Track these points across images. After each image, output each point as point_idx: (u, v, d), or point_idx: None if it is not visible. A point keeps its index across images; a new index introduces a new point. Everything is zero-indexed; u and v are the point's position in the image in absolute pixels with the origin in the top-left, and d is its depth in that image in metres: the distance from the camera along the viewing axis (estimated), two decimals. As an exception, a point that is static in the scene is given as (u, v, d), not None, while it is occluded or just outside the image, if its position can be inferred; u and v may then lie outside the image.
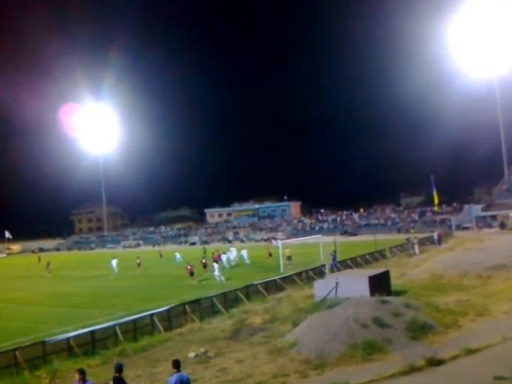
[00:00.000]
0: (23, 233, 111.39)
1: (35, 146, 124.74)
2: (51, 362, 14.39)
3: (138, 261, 44.10)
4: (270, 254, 42.35)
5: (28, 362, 14.06)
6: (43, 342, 14.84)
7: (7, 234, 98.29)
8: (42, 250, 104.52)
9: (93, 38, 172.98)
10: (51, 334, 16.52)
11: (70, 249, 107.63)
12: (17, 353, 14.05)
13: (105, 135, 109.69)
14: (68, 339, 15.37)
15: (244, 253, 43.60)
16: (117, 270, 42.01)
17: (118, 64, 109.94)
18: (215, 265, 32.91)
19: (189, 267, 32.61)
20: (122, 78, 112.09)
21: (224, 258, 40.43)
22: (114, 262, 42.77)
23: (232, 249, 46.14)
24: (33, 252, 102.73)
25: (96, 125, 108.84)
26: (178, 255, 47.82)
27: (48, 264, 46.90)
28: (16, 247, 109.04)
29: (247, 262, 42.44)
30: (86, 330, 16.39)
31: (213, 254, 40.97)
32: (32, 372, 13.83)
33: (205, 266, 36.06)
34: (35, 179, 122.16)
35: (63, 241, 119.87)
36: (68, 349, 15.17)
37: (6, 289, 36.01)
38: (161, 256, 53.22)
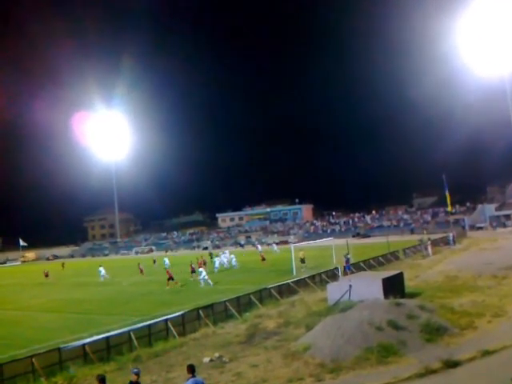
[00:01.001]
0: (37, 240, 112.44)
1: (48, 154, 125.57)
2: (67, 369, 14.50)
3: (141, 267, 45.96)
4: (263, 259, 44.02)
5: (44, 368, 14.18)
6: (59, 349, 14.96)
7: (22, 242, 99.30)
8: (56, 257, 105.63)
9: (104, 45, 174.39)
10: (66, 341, 16.66)
11: (83, 255, 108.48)
12: (33, 360, 14.17)
13: (117, 142, 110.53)
14: (83, 345, 15.48)
15: (232, 257, 45.38)
16: (103, 278, 43.03)
17: (129, 71, 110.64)
18: (201, 269, 34.08)
19: (168, 272, 34.25)
20: (134, 85, 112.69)
21: (217, 261, 42.80)
22: (102, 270, 43.96)
23: (226, 252, 48.26)
24: (47, 259, 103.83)
25: (108, 132, 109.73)
26: (166, 260, 48.55)
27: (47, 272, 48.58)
28: (30, 255, 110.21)
29: (235, 266, 43.88)
30: (100, 336, 16.47)
31: (197, 259, 42.22)
32: (49, 378, 13.94)
33: (193, 270, 36.88)
34: (48, 187, 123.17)
35: (77, 248, 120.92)
36: (83, 355, 15.26)
37: (22, 296, 36.40)
38: (154, 262, 54.99)
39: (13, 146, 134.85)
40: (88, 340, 15.99)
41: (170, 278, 33.17)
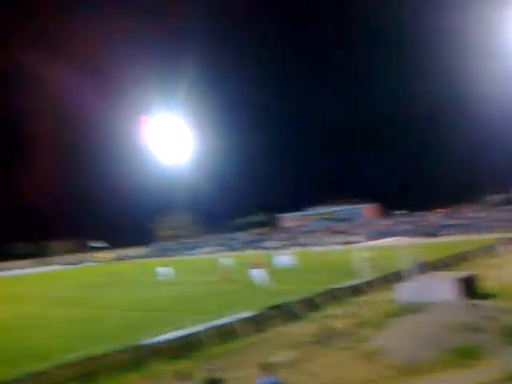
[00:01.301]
0: (111, 242, 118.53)
1: (115, 159, 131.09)
2: (145, 366, 15.18)
3: (207, 267, 48.82)
4: (321, 259, 45.84)
5: (123, 365, 14.93)
6: (137, 346, 15.71)
7: (95, 243, 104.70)
8: (129, 257, 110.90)
9: (164, 49, 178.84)
10: (142, 338, 17.36)
11: (154, 256, 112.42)
12: (112, 356, 15.01)
13: (179, 144, 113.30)
14: (159, 343, 16.16)
15: (289, 257, 46.39)
16: (165, 278, 44.86)
17: (189, 74, 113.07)
18: (254, 271, 34.26)
19: (222, 272, 35.16)
20: (193, 86, 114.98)
21: (278, 260, 43.99)
22: (161, 270, 45.82)
23: (285, 252, 48.98)
24: (121, 260, 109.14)
25: (170, 135, 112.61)
26: (223, 261, 49.42)
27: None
28: (109, 255, 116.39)
29: (293, 264, 44.71)
30: (176, 333, 17.10)
31: (256, 259, 42.81)
32: (128, 374, 14.65)
33: (252, 271, 37.05)
34: (117, 189, 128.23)
35: (147, 248, 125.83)
36: (160, 352, 15.90)
37: (100, 295, 38.35)
38: (218, 263, 56.17)
39: (83, 152, 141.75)
40: (164, 337, 16.67)
41: (223, 279, 33.76)
